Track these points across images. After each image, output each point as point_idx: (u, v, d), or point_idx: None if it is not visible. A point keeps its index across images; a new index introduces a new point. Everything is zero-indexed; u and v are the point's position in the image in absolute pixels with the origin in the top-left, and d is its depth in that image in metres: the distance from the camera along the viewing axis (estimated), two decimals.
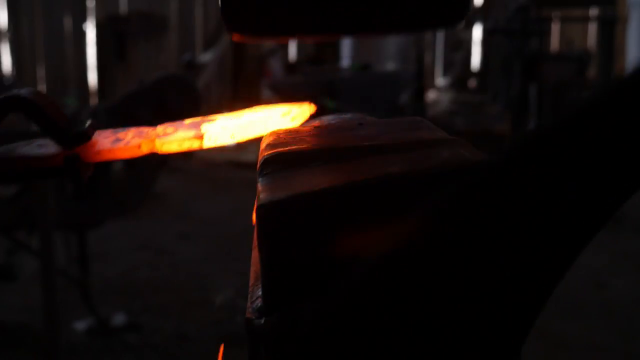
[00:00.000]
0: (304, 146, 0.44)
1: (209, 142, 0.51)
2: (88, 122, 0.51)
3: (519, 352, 0.39)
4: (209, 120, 0.52)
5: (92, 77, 7.17)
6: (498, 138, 5.48)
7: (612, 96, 0.31)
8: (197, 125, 0.52)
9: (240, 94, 7.61)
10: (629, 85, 0.31)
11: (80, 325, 2.56)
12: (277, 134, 0.50)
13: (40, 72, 7.10)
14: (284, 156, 0.43)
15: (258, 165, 0.43)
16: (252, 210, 0.38)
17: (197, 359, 2.41)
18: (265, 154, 0.43)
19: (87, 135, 0.50)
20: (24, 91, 0.50)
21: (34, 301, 2.41)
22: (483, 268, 0.35)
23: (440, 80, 8.90)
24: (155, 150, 0.51)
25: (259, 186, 0.40)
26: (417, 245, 0.35)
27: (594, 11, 6.95)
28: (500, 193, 0.33)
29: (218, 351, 0.56)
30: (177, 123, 0.52)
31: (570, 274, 0.36)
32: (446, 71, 8.95)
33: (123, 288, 3.00)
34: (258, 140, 0.52)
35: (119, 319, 2.63)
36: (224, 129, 0.51)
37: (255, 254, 0.44)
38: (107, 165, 2.55)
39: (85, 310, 2.56)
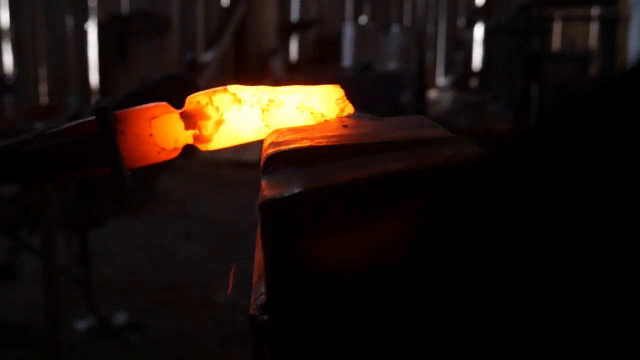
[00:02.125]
0: (307, 144, 0.44)
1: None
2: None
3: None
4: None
5: (94, 77, 7.18)
6: (499, 137, 5.48)
7: (612, 89, 0.31)
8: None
9: None
10: (627, 80, 0.31)
11: (82, 325, 2.57)
12: (280, 132, 0.50)
13: (42, 72, 7.11)
14: (287, 154, 0.43)
15: (261, 163, 0.43)
16: (254, 209, 0.38)
17: (199, 358, 2.41)
18: (269, 151, 0.44)
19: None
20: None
21: (36, 300, 2.42)
22: (486, 265, 0.36)
23: (441, 80, 8.90)
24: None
25: (262, 184, 0.40)
26: (421, 243, 0.36)
27: (595, 10, 6.95)
28: (499, 188, 0.33)
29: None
30: None
31: None
32: (447, 71, 8.95)
33: (124, 287, 3.00)
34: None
35: (120, 318, 2.63)
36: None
37: (258, 252, 0.44)
38: None
39: (87, 310, 2.57)
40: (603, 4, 6.41)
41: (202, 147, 0.53)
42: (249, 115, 0.53)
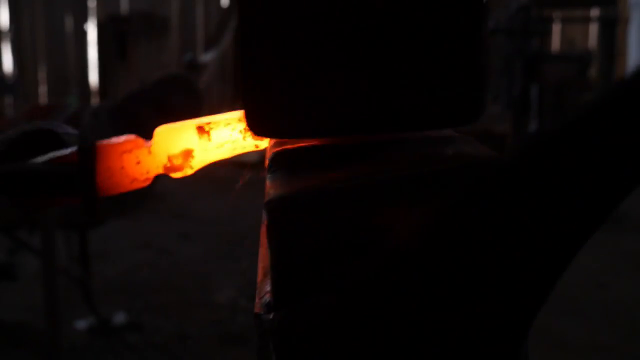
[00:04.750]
0: (311, 143, 0.44)
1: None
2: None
3: (521, 347, 0.39)
4: None
5: (94, 77, 7.18)
6: (499, 138, 5.48)
7: (615, 99, 0.31)
8: None
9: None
10: (631, 87, 0.31)
11: (81, 325, 2.56)
12: None
13: (42, 72, 7.11)
14: (292, 153, 0.43)
15: (266, 162, 0.43)
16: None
17: (198, 358, 2.41)
18: (274, 150, 0.44)
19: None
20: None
21: (35, 300, 2.42)
22: (488, 265, 0.36)
23: None
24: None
25: (268, 182, 0.40)
26: (425, 242, 0.36)
27: (595, 11, 6.95)
28: (507, 193, 0.34)
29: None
30: None
31: (571, 274, 0.36)
32: None
33: (124, 287, 3.00)
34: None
35: (119, 318, 2.63)
36: None
37: (263, 251, 0.44)
38: None
39: (86, 310, 2.57)
40: (602, 5, 6.42)
41: (174, 175, 0.55)
42: (218, 140, 0.52)
